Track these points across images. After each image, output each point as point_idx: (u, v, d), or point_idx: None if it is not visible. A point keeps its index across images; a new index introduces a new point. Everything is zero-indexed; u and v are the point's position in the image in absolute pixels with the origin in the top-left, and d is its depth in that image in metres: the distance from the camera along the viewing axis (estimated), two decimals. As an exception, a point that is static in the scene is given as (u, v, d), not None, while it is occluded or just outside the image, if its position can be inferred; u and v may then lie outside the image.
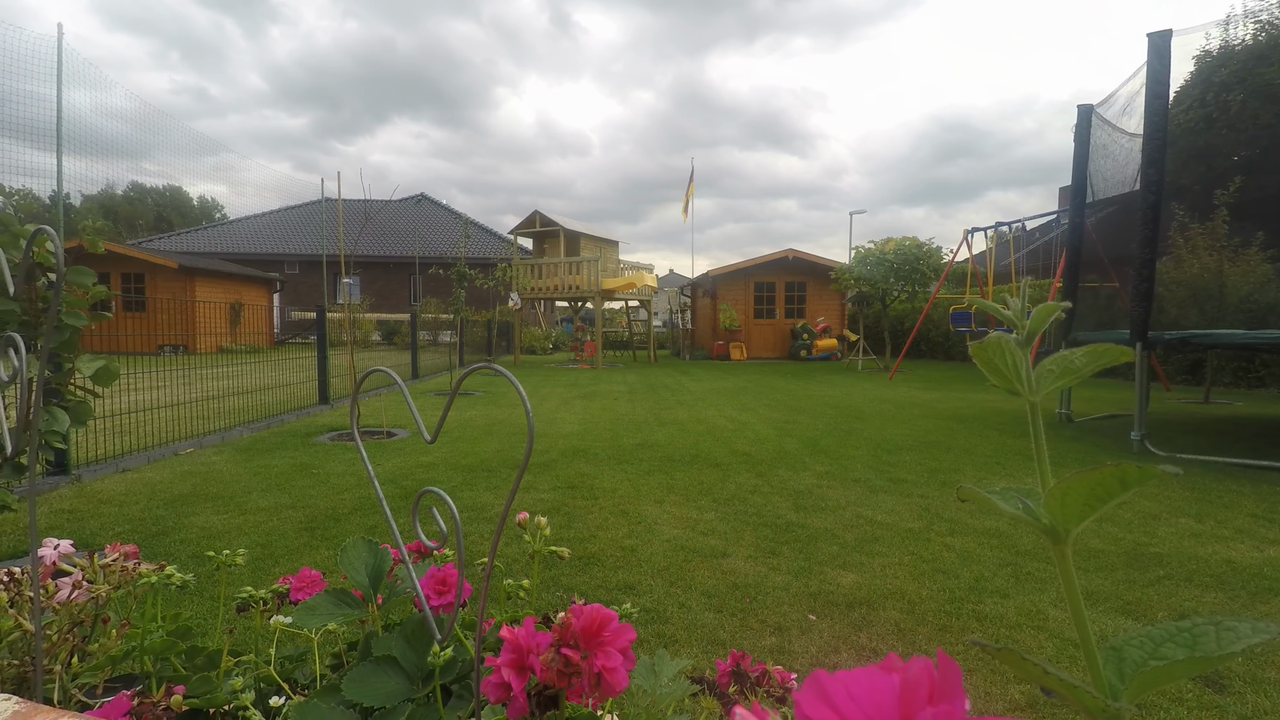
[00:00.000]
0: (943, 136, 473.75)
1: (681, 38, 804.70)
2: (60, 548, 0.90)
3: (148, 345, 7.46)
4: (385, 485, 3.46)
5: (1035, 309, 0.35)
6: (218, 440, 4.75)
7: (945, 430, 5.36)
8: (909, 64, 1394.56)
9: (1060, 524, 0.32)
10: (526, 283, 14.37)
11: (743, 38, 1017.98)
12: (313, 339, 7.13)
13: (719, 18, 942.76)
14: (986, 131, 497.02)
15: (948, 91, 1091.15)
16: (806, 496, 3.32)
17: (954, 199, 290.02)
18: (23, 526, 2.70)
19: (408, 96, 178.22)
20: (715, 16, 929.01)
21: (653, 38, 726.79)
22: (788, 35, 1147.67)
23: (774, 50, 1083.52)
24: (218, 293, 16.64)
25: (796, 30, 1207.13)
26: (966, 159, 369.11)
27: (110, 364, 1.87)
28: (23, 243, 1.71)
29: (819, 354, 15.28)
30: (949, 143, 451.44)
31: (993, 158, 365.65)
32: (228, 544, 2.53)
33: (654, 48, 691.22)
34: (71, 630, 0.81)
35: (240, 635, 1.00)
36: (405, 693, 0.69)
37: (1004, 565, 2.40)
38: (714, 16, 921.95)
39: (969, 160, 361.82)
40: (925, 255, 12.09)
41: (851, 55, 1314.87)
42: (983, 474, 3.88)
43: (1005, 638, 1.86)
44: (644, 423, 5.75)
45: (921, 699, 0.23)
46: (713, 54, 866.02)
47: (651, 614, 1.98)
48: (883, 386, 9.12)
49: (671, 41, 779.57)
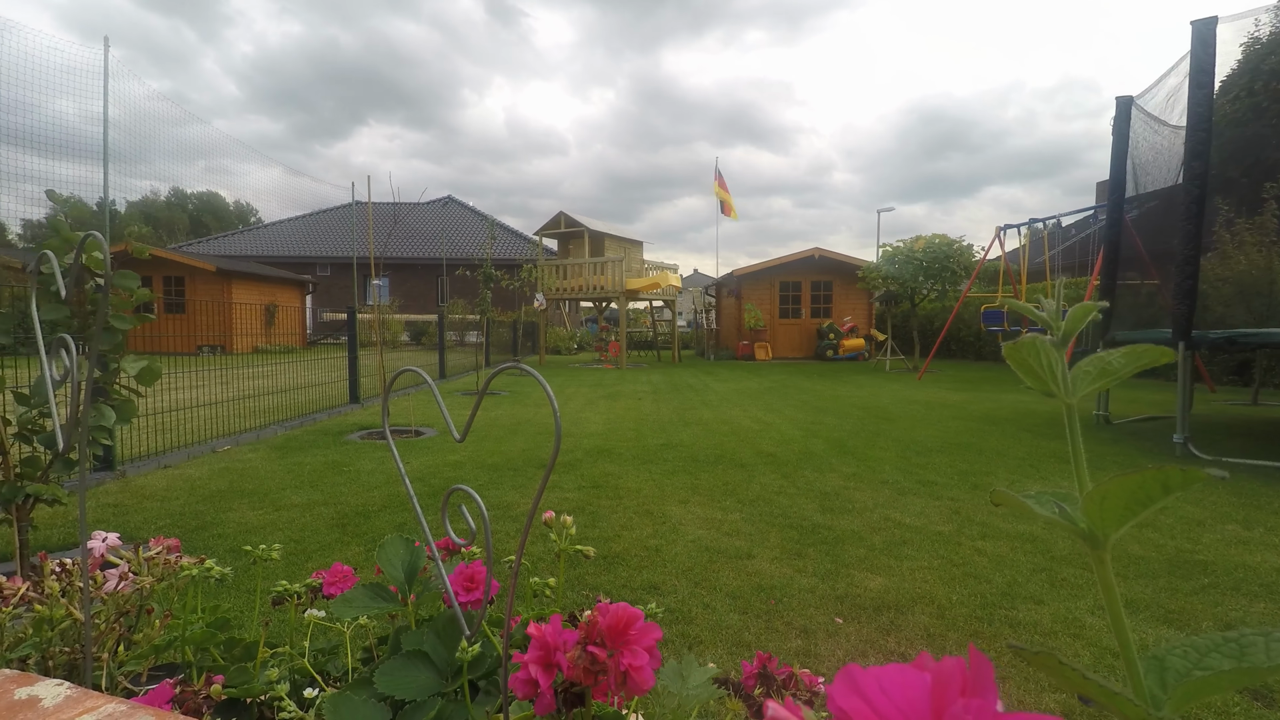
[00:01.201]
0: (926, 129, 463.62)
1: (628, 33, 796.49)
2: (108, 540, 0.93)
3: (188, 345, 7.72)
4: (413, 483, 3.52)
5: (1071, 308, 0.34)
6: (253, 438, 4.88)
7: (976, 432, 5.25)
8: (876, 53, 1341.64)
9: (1099, 528, 0.31)
10: (551, 283, 14.48)
11: (691, 31, 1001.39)
12: (344, 339, 7.29)
13: (661, 10, 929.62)
14: (971, 121, 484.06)
15: (922, 81, 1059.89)
16: (833, 498, 3.28)
17: (952, 194, 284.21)
18: (72, 519, 2.81)
19: (371, 98, 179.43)
20: (657, 9, 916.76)
21: (601, 34, 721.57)
22: (739, 28, 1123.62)
23: (729, 44, 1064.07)
24: (253, 295, 17.11)
25: (746, 22, 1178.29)
26: (957, 151, 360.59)
27: (153, 364, 1.94)
28: (74, 248, 1.78)
29: (845, 354, 15.08)
30: (935, 135, 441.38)
31: (985, 150, 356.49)
32: (263, 539, 2.60)
33: (604, 44, 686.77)
34: (118, 620, 0.85)
35: (275, 627, 1.03)
36: (435, 687, 0.70)
37: (1038, 571, 2.33)
38: (656, 9, 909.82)
39: (959, 153, 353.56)
40: (956, 253, 11.84)
41: (813, 46, 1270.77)
42: (1016, 477, 3.79)
43: (1041, 645, 1.82)
44: (668, 423, 5.75)
45: (954, 694, 0.23)
46: (664, 49, 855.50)
47: (676, 614, 1.98)
48: (911, 387, 8.96)
49: (619, 37, 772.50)
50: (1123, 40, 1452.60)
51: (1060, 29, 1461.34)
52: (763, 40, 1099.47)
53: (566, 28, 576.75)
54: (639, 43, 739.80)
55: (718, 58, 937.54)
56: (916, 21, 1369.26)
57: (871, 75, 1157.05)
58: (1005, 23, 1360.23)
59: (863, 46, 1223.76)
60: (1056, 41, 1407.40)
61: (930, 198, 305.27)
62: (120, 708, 0.54)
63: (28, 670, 0.71)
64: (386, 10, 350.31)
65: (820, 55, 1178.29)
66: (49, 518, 2.80)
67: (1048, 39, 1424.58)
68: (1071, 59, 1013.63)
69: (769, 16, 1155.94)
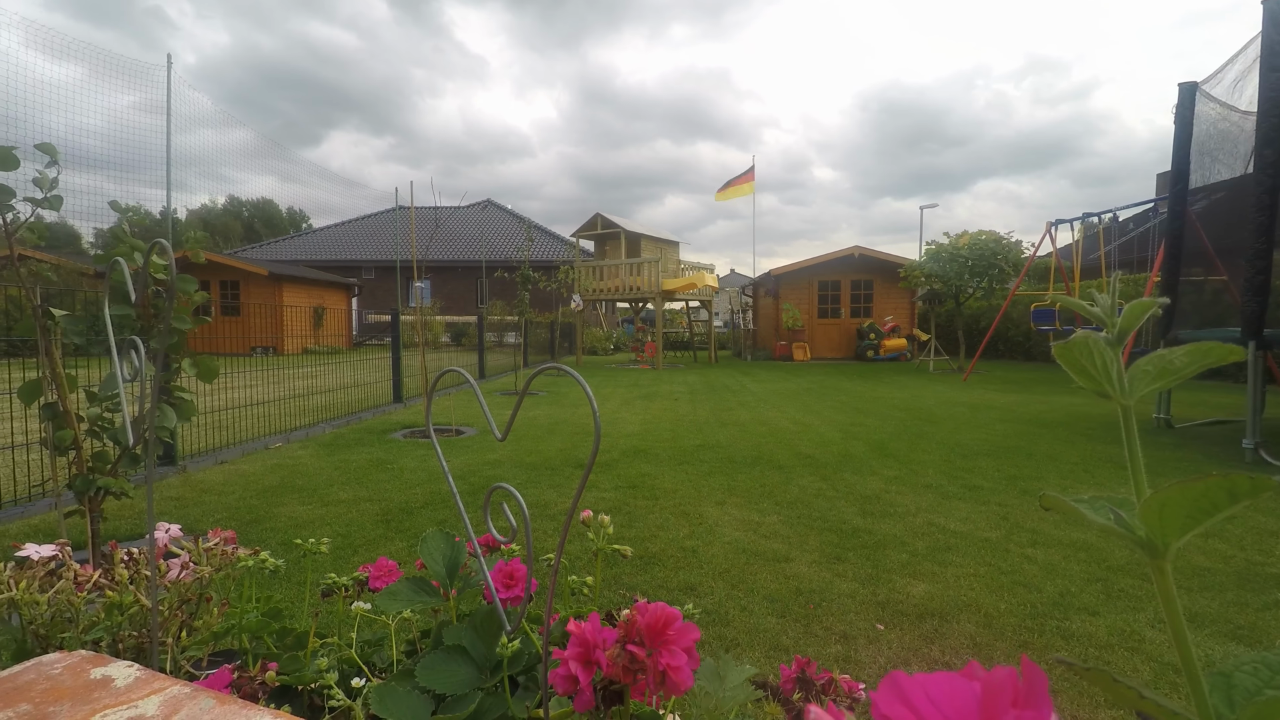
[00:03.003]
0: (896, 121, 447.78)
1: (547, 32, 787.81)
2: (171, 531, 0.99)
3: (242, 346, 8.06)
4: (454, 481, 3.59)
5: (1127, 305, 0.32)
6: (303, 435, 5.07)
7: (1026, 435, 5.06)
8: (818, 43, 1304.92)
9: (1158, 537, 0.30)
10: (588, 284, 14.58)
11: (608, 26, 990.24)
12: (387, 341, 7.50)
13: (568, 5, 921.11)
14: (938, 111, 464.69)
15: (876, 70, 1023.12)
16: (874, 502, 3.21)
17: (945, 189, 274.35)
18: (137, 511, 2.97)
19: (324, 102, 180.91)
20: (563, 5, 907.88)
21: (522, 35, 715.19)
22: (662, 24, 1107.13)
23: (656, 40, 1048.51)
24: (302, 297, 17.76)
25: (668, 17, 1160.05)
26: (933, 142, 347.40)
27: (211, 363, 2.04)
28: (137, 255, 1.88)
29: (887, 354, 14.73)
30: (907, 126, 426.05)
31: (968, 143, 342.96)
32: (312, 533, 2.69)
33: (528, 45, 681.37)
34: (180, 607, 0.89)
35: (324, 618, 1.07)
36: (475, 681, 0.72)
37: (1093, 580, 2.24)
38: (561, 5, 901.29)
39: (936, 144, 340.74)
40: (1004, 250, 11.44)
41: (748, 39, 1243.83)
42: (1068, 482, 3.64)
43: (1095, 658, 1.74)
44: (705, 423, 5.72)
45: (1005, 705, 0.22)
46: (588, 46, 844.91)
47: (713, 616, 1.97)
48: (956, 388, 8.69)
49: (539, 37, 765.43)
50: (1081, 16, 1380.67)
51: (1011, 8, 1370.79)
52: (692, 35, 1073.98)
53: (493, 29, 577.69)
54: (560, 41, 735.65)
55: (649, 55, 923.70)
56: (850, 10, 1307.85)
57: (818, 66, 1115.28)
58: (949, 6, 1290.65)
59: (799, 37, 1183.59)
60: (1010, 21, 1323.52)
61: (923, 192, 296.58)
62: (184, 690, 0.57)
63: (100, 652, 0.75)
64: (304, 13, 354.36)
65: (757, 47, 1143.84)
66: (117, 509, 2.97)
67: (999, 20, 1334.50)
68: (1032, 39, 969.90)
69: (686, 9, 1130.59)
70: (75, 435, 1.90)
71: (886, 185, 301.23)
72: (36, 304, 1.86)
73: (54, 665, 0.61)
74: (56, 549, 0.87)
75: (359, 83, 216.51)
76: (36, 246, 1.89)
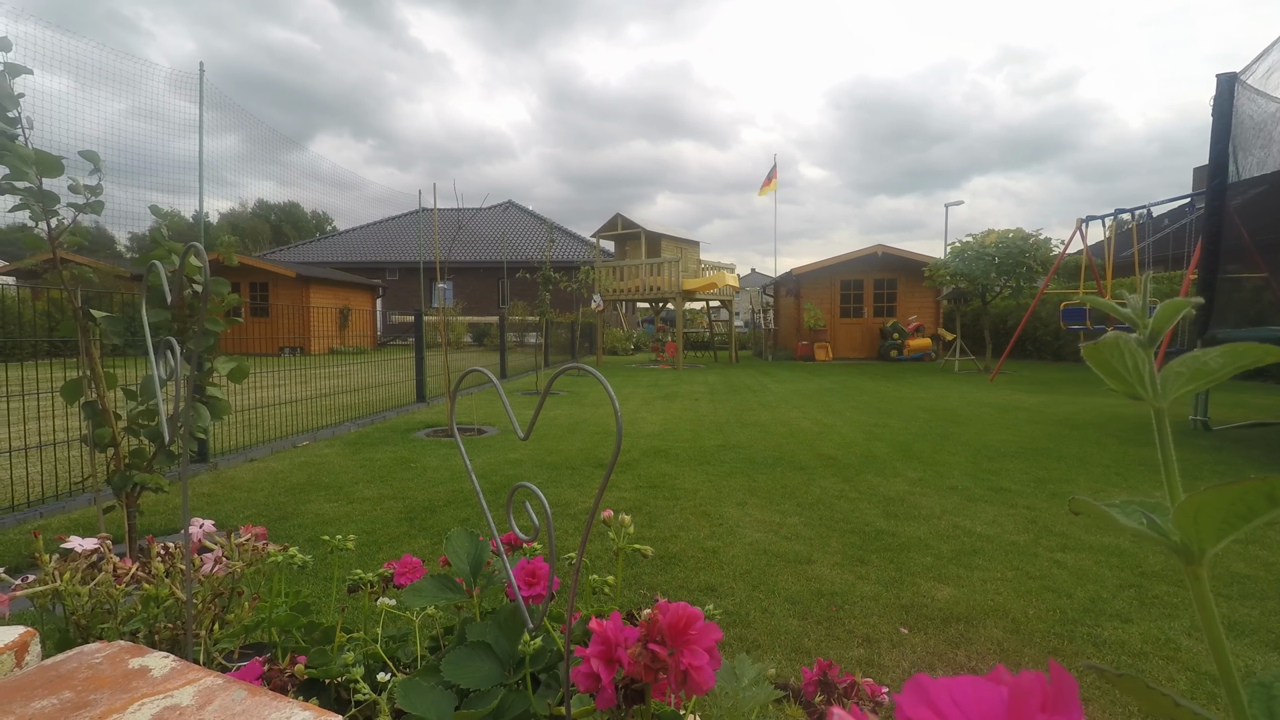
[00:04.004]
0: (874, 119, 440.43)
1: (502, 33, 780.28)
2: (204, 527, 1.01)
3: (270, 347, 8.23)
4: (476, 480, 3.63)
5: (1159, 306, 0.32)
6: (329, 434, 5.16)
7: (1055, 437, 4.94)
8: (783, 39, 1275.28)
9: (1193, 543, 0.29)
10: (608, 284, 14.62)
11: (561, 26, 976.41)
12: (411, 341, 7.60)
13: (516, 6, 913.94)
14: (915, 106, 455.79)
15: (843, 67, 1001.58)
16: (897, 504, 3.17)
17: (937, 187, 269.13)
18: (172, 506, 3.06)
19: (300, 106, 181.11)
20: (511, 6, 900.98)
21: (480, 39, 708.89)
22: (617, 23, 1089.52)
23: (614, 41, 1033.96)
24: (329, 299, 18.09)
25: (620, 15, 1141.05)
26: (917, 139, 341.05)
27: (242, 364, 2.09)
28: (174, 258, 1.93)
29: (911, 354, 14.52)
30: (886, 124, 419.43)
31: (954, 138, 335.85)
32: (338, 529, 2.75)
33: (485, 47, 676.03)
34: (213, 600, 0.92)
35: (350, 613, 1.09)
36: (498, 678, 0.73)
37: (1126, 587, 2.18)
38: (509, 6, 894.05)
39: (920, 140, 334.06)
40: (1032, 248, 11.19)
41: (709, 36, 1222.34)
42: (1100, 485, 3.55)
43: (1128, 666, 1.70)
44: (725, 424, 5.70)
45: (1032, 710, 0.22)
46: (543, 47, 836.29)
47: (733, 617, 1.97)
48: (982, 389, 8.53)
49: (495, 38, 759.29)
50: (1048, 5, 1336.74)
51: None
52: (650, 33, 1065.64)
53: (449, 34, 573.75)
54: (516, 43, 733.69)
55: (610, 55, 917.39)
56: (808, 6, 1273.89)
57: (783, 63, 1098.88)
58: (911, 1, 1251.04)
59: (759, 34, 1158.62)
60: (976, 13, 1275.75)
61: (917, 190, 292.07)
62: (218, 681, 0.59)
63: (138, 643, 0.78)
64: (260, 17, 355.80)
65: (719, 45, 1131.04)
66: (152, 504, 3.06)
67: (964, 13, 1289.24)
68: (1002, 30, 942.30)
69: (638, 6, 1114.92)
70: (114, 432, 1.96)
71: (879, 183, 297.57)
72: (77, 305, 1.93)
73: (95, 655, 0.63)
74: (98, 542, 0.90)
75: (328, 86, 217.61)
76: (78, 249, 1.95)
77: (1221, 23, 76.96)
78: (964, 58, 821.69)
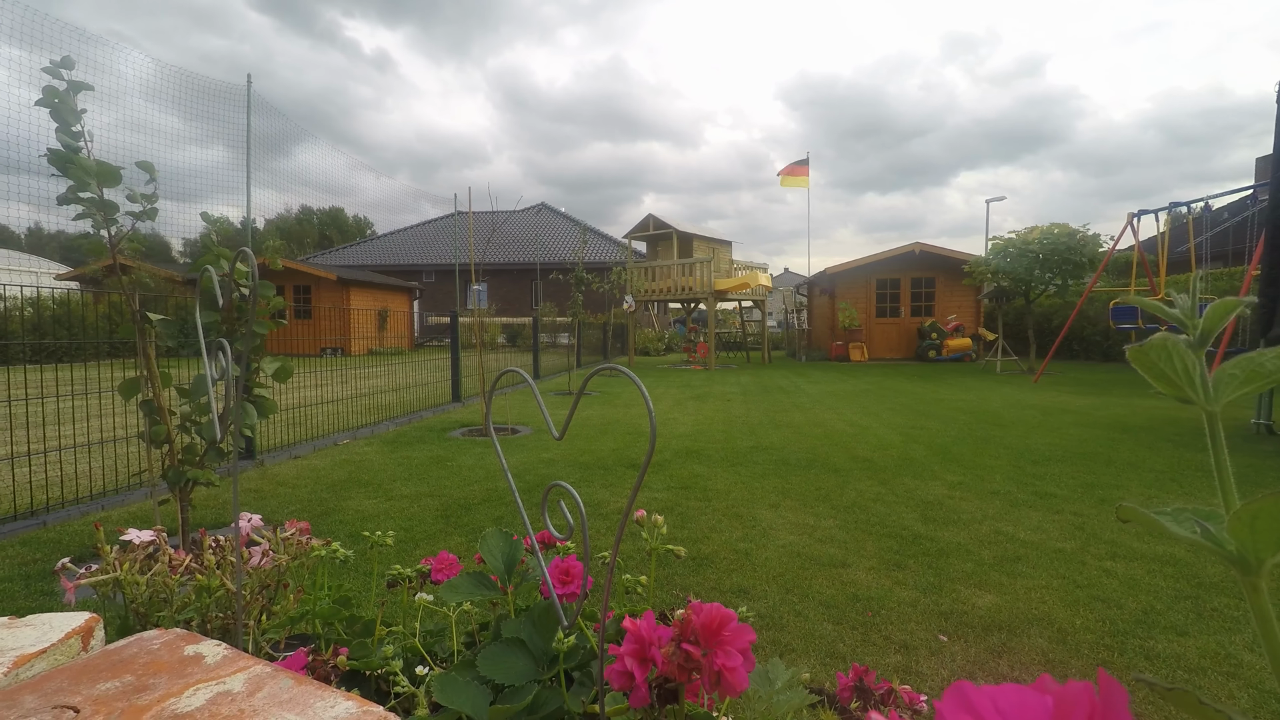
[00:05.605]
0: (834, 115, 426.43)
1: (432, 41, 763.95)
2: (253, 521, 1.05)
3: (313, 348, 8.50)
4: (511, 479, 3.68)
5: (1210, 305, 0.30)
6: (368, 433, 5.30)
7: (1104, 440, 4.75)
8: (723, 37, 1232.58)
9: (1250, 552, 0.28)
10: (640, 285, 14.64)
11: (486, 29, 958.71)
12: (446, 342, 7.75)
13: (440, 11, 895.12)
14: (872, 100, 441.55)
15: (788, 63, 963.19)
16: (936, 508, 3.09)
17: (925, 184, 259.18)
18: (222, 500, 3.19)
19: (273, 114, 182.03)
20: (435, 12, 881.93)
21: (420, 47, 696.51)
22: (550, 30, 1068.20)
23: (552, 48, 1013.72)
24: (368, 301, 18.58)
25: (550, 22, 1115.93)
26: (887, 134, 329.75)
27: (286, 364, 2.16)
28: (223, 263, 2.02)
29: (950, 355, 14.14)
30: (847, 119, 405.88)
31: (928, 132, 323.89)
32: (378, 526, 2.82)
33: (425, 55, 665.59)
34: (261, 592, 0.95)
35: (389, 608, 1.12)
36: (532, 674, 0.74)
37: (1182, 598, 2.08)
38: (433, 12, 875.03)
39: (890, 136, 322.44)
40: (1079, 244, 10.77)
41: (646, 37, 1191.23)
42: (1153, 492, 3.40)
43: (1184, 681, 1.62)
44: (758, 425, 5.65)
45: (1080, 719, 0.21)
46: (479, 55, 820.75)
47: (766, 620, 1.95)
48: (1026, 390, 8.26)
49: (433, 43, 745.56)
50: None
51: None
52: (584, 39, 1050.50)
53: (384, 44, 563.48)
54: (451, 49, 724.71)
55: (549, 60, 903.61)
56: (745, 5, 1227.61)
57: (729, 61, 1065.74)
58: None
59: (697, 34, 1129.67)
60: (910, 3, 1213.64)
61: (905, 187, 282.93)
62: (266, 670, 0.61)
63: (191, 630, 0.81)
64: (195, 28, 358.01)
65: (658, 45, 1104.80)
66: (203, 498, 3.19)
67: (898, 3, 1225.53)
68: (942, 19, 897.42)
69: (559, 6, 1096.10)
70: (169, 430, 2.05)
71: (864, 181, 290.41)
72: (135, 309, 2.02)
73: (153, 641, 0.66)
74: (154, 535, 0.94)
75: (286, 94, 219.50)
76: (137, 254, 2.05)
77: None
78: (910, 49, 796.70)
